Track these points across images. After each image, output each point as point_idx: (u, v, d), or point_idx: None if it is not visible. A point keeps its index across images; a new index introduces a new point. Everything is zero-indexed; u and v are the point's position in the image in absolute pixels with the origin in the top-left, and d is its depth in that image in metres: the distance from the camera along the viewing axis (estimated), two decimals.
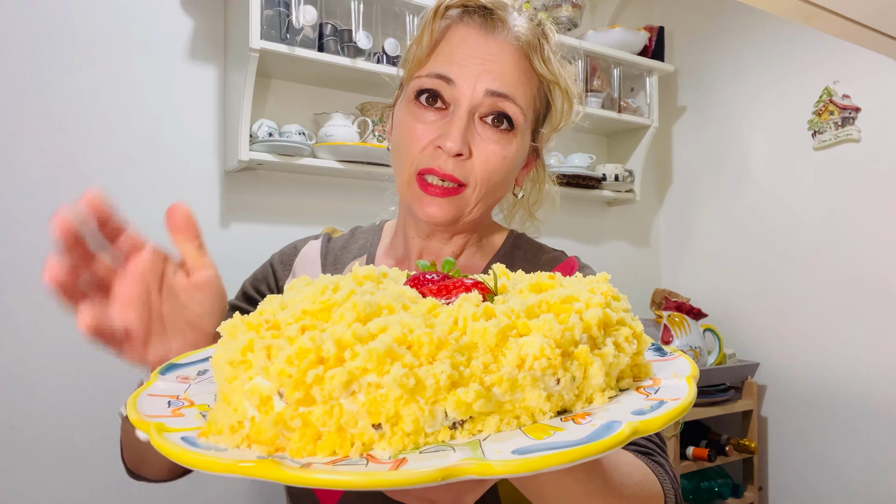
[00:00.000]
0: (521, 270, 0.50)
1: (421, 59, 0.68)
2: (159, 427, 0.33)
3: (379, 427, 0.32)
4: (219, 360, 0.36)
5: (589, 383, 0.37)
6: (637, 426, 0.31)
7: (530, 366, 0.34)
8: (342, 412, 0.31)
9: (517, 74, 0.68)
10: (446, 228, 0.73)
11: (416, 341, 0.33)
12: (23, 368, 1.43)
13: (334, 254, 0.81)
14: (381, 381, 0.31)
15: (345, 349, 0.32)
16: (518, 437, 0.32)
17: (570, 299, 0.39)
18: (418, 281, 0.42)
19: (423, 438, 0.32)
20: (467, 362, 0.34)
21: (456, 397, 0.32)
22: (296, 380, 0.31)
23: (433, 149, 0.67)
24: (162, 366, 0.44)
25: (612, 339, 0.39)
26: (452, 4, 0.69)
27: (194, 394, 0.40)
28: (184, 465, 0.30)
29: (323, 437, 0.32)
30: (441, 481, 0.27)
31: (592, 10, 2.49)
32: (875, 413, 1.95)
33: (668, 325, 2.14)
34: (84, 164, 1.51)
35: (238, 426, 0.33)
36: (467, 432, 0.33)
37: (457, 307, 0.37)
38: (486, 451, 0.30)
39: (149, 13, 1.61)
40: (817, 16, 1.04)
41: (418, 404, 0.31)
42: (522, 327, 0.36)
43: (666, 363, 0.43)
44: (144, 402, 0.37)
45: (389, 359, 0.32)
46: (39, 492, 1.44)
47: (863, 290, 1.98)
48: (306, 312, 0.35)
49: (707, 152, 2.47)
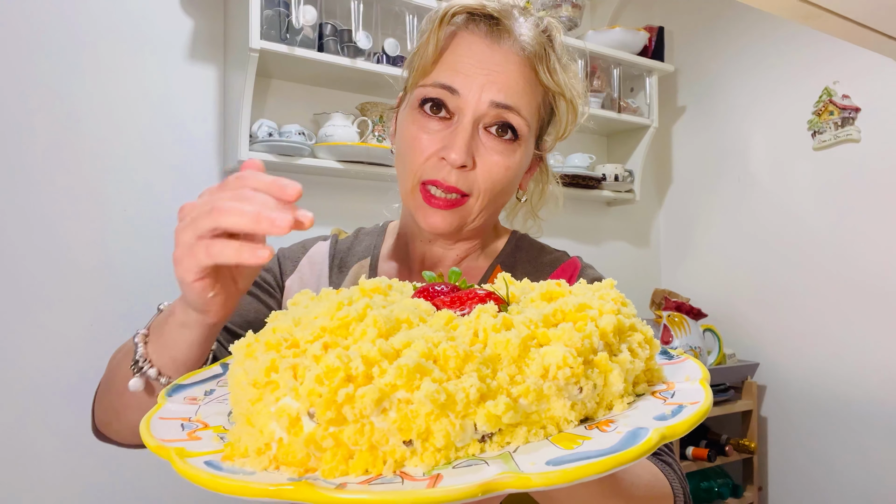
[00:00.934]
0: (527, 279, 0.50)
1: (426, 67, 0.68)
2: (180, 452, 0.32)
3: (410, 443, 0.31)
4: (239, 381, 0.35)
5: (609, 390, 0.37)
6: (664, 432, 0.31)
7: (554, 375, 0.34)
8: (373, 430, 0.31)
9: (522, 85, 0.67)
10: (449, 238, 0.73)
11: (441, 355, 0.33)
12: (23, 368, 1.43)
13: (340, 256, 0.81)
14: (412, 398, 0.31)
15: (372, 366, 0.32)
16: (547, 448, 0.32)
17: (584, 307, 0.39)
18: (429, 293, 0.42)
19: (454, 453, 0.32)
20: (493, 374, 0.34)
21: (486, 410, 0.32)
22: (327, 399, 0.30)
23: (437, 160, 0.67)
24: (168, 387, 0.44)
25: (626, 345, 0.39)
26: (458, 11, 0.68)
27: (206, 415, 0.39)
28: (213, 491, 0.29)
29: (355, 457, 0.31)
30: (482, 496, 0.27)
31: (592, 10, 2.49)
32: (875, 413, 1.95)
33: (668, 325, 2.14)
34: (84, 163, 1.51)
35: (265, 448, 0.32)
36: (496, 445, 0.33)
37: (475, 319, 0.36)
38: (520, 463, 0.30)
39: (149, 13, 1.60)
40: (817, 16, 1.04)
41: (449, 419, 0.31)
42: (542, 337, 0.36)
43: (676, 366, 0.43)
44: (158, 425, 0.37)
45: (419, 374, 0.31)
46: (40, 492, 1.44)
47: (862, 289, 1.98)
48: (325, 329, 0.35)
49: (707, 152, 2.47)
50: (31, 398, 1.43)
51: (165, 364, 0.57)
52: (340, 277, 0.79)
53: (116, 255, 1.54)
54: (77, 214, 1.50)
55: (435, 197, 0.67)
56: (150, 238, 1.57)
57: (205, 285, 0.48)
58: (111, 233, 1.54)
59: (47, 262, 1.46)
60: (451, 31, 0.69)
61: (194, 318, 0.53)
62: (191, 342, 0.55)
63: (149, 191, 1.58)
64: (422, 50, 0.69)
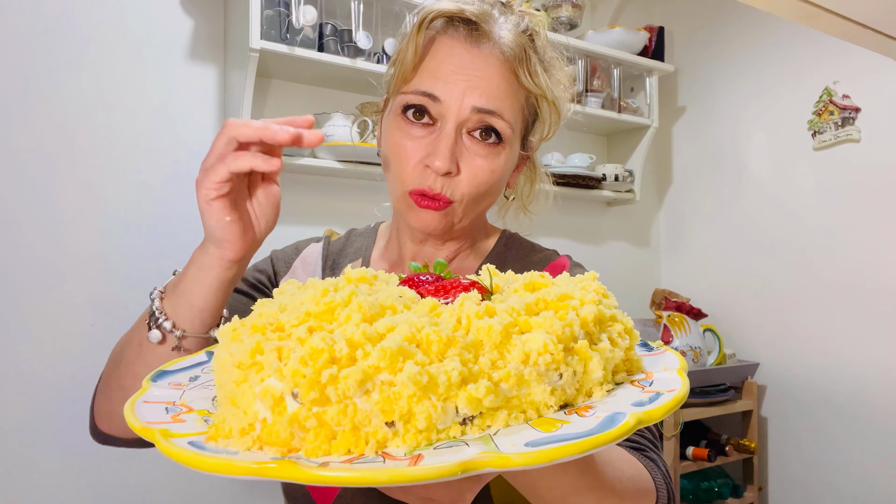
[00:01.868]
0: (511, 271, 0.51)
1: (406, 73, 0.68)
2: (164, 433, 0.32)
3: (392, 425, 0.32)
4: (224, 363, 0.36)
5: (589, 377, 0.37)
6: (641, 416, 0.32)
7: (535, 361, 0.35)
8: (356, 411, 0.32)
9: (503, 88, 0.67)
10: (438, 237, 0.74)
11: (425, 339, 0.33)
12: (23, 368, 1.43)
13: (333, 257, 0.82)
14: (395, 380, 0.31)
15: (356, 349, 0.32)
16: (527, 431, 0.33)
17: (566, 297, 0.40)
18: (413, 282, 0.43)
19: (436, 435, 0.33)
20: (475, 359, 0.34)
21: (467, 393, 0.33)
22: (311, 380, 0.31)
23: (422, 167, 0.67)
24: (152, 373, 0.45)
25: (606, 334, 0.40)
26: (436, 16, 0.68)
27: (191, 399, 0.40)
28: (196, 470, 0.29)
29: (338, 437, 0.32)
30: (461, 474, 0.28)
31: (592, 10, 2.49)
32: (875, 413, 1.95)
33: (668, 325, 2.14)
34: (84, 163, 1.51)
35: (249, 428, 0.33)
36: (477, 428, 0.34)
37: (459, 306, 0.37)
38: (499, 444, 0.31)
39: (149, 13, 1.61)
40: (817, 16, 1.03)
41: (431, 401, 0.32)
42: (524, 324, 0.37)
43: (655, 357, 0.44)
44: (142, 408, 0.37)
45: (402, 357, 0.32)
46: (40, 492, 1.44)
47: (863, 289, 1.98)
48: (310, 314, 0.36)
49: (707, 152, 2.48)
50: (32, 398, 1.44)
51: (182, 314, 0.59)
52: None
53: (116, 255, 1.54)
54: (76, 214, 1.50)
55: (425, 199, 0.67)
56: (149, 238, 1.57)
57: (223, 205, 0.54)
58: (111, 232, 1.54)
59: (47, 262, 1.46)
60: (430, 37, 0.69)
61: (212, 255, 0.57)
62: (209, 286, 0.58)
63: (149, 191, 1.59)
64: (402, 55, 0.69)
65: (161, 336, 0.58)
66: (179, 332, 0.58)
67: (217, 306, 0.59)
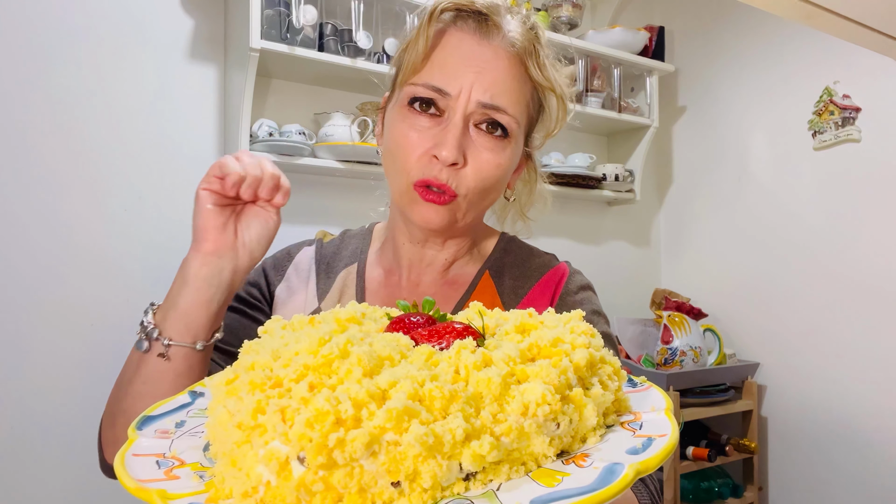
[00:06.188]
0: (499, 308, 0.51)
1: (416, 64, 0.68)
2: (162, 495, 0.31)
3: (398, 484, 0.32)
4: (222, 422, 0.35)
5: (584, 424, 0.38)
6: (639, 467, 0.32)
7: (534, 413, 0.35)
8: (363, 472, 0.31)
9: (510, 82, 0.68)
10: (440, 234, 0.73)
11: (427, 396, 0.33)
12: (24, 369, 1.43)
13: (327, 261, 0.81)
14: (401, 440, 0.31)
15: (361, 408, 0.32)
16: (529, 485, 0.33)
17: (557, 341, 0.40)
18: (405, 325, 0.43)
19: (441, 493, 0.32)
20: (476, 413, 0.34)
21: (471, 451, 0.33)
22: (318, 444, 0.30)
23: (429, 158, 0.67)
24: (136, 420, 0.43)
25: (596, 377, 0.41)
26: (447, 8, 0.68)
27: (181, 451, 0.39)
28: None
29: (344, 500, 0.32)
30: None
31: (592, 10, 2.49)
32: (875, 413, 1.95)
33: (668, 325, 2.14)
34: (84, 163, 1.51)
35: (252, 491, 0.32)
36: (479, 482, 0.34)
37: (455, 355, 0.37)
38: (504, 501, 0.31)
39: (149, 13, 1.61)
40: (817, 16, 1.03)
41: (436, 460, 0.32)
42: (521, 373, 0.37)
43: (641, 395, 0.44)
44: (133, 463, 0.36)
45: (407, 416, 0.32)
46: (40, 492, 1.44)
47: (863, 289, 1.98)
48: (308, 367, 0.35)
49: (707, 152, 2.47)
50: (31, 398, 1.44)
51: (168, 320, 0.61)
52: (328, 283, 0.78)
53: (116, 255, 1.54)
54: (77, 214, 1.50)
55: (429, 192, 0.67)
56: (150, 238, 1.57)
57: (210, 194, 0.62)
58: (111, 232, 1.54)
59: (47, 262, 1.46)
60: (440, 28, 0.69)
61: (190, 250, 0.62)
62: (189, 284, 0.61)
63: (149, 191, 1.59)
64: (411, 47, 0.69)
65: (148, 345, 0.59)
66: (166, 340, 0.59)
67: (200, 311, 0.60)
